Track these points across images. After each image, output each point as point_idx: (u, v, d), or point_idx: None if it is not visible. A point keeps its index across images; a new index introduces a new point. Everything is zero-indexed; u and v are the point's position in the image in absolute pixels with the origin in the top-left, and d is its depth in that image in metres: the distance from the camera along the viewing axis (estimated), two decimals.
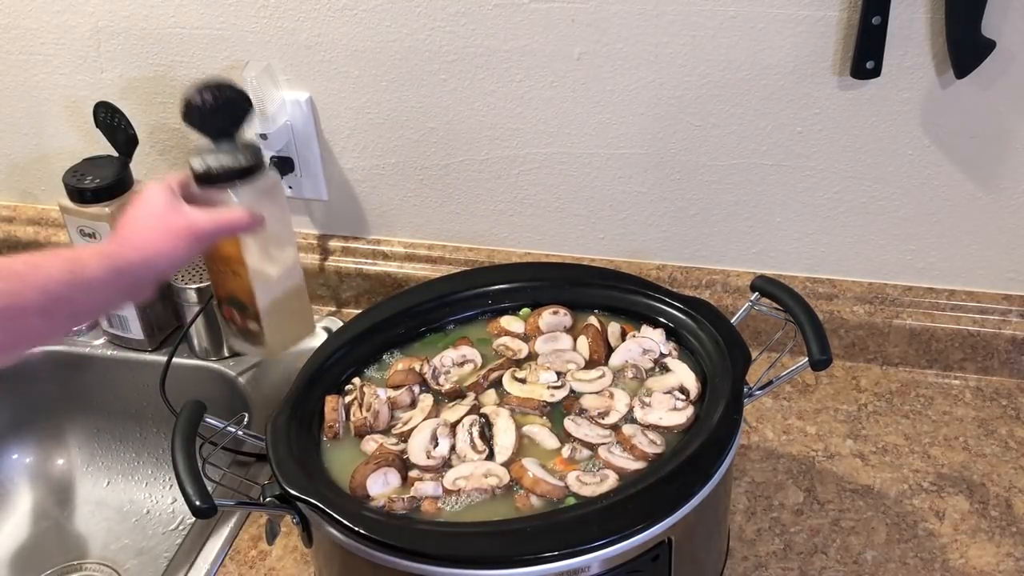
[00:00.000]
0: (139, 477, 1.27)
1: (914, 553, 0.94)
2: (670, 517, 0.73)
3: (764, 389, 0.86)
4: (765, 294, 0.89)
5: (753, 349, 0.97)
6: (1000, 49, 0.97)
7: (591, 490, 0.76)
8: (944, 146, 1.05)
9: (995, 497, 0.99)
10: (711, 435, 0.77)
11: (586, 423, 0.82)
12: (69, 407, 1.28)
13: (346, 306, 1.31)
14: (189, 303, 1.17)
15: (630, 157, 1.13)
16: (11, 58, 1.26)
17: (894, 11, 0.97)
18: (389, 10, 1.10)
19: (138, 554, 1.20)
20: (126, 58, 1.22)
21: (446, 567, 0.71)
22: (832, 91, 1.04)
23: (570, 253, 1.22)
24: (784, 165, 1.10)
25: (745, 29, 1.02)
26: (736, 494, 1.01)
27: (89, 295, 0.76)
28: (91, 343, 1.26)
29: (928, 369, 1.16)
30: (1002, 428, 1.07)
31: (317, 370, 0.90)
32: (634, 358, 0.89)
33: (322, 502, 0.74)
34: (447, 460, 0.81)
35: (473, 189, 1.20)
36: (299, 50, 1.15)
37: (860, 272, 1.16)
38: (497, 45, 1.09)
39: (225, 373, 1.20)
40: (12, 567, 1.21)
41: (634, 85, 1.08)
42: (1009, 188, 1.07)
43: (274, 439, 0.81)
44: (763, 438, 1.08)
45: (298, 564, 0.97)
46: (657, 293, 0.94)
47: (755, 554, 0.95)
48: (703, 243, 1.18)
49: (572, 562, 0.70)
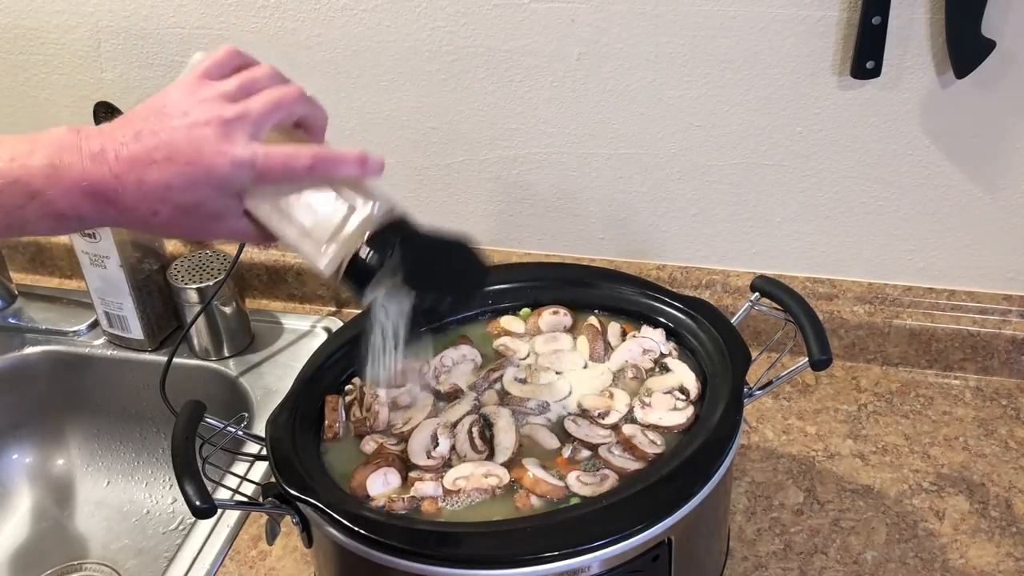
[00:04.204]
0: (139, 477, 1.27)
1: (914, 553, 0.94)
2: (670, 517, 0.73)
3: (764, 389, 0.86)
4: (765, 294, 0.89)
5: (753, 349, 0.97)
6: (1000, 49, 0.97)
7: (591, 490, 0.76)
8: (944, 146, 1.05)
9: (995, 497, 0.99)
10: (711, 435, 0.77)
11: (586, 423, 0.82)
12: (69, 407, 1.28)
13: (346, 306, 1.31)
14: (189, 303, 1.17)
15: (630, 157, 1.13)
16: (11, 58, 1.26)
17: (894, 11, 0.97)
18: (389, 10, 1.10)
19: (138, 554, 1.20)
20: (126, 58, 1.22)
21: (446, 567, 0.71)
22: (832, 91, 1.04)
23: (570, 253, 1.22)
24: (784, 165, 1.10)
25: (745, 29, 1.02)
26: (736, 494, 1.01)
27: (24, 206, 0.64)
28: (91, 343, 1.26)
29: (928, 369, 1.16)
30: (1002, 428, 1.07)
31: (317, 370, 0.90)
32: (634, 358, 0.89)
33: (322, 502, 0.74)
34: (447, 460, 0.81)
35: (473, 189, 1.20)
36: (299, 50, 1.15)
37: (860, 272, 1.16)
38: (497, 45, 1.09)
39: (225, 373, 1.20)
40: (12, 567, 1.21)
41: (634, 85, 1.08)
42: (1009, 188, 1.07)
43: (274, 439, 0.81)
44: (763, 438, 1.08)
45: (298, 564, 0.97)
46: (657, 293, 0.94)
47: (755, 554, 0.95)
48: (703, 243, 1.18)
49: (572, 562, 0.70)
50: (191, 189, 0.65)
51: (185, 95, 0.67)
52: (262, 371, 1.20)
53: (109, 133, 0.66)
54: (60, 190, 0.65)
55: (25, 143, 0.66)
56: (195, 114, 0.65)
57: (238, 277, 1.25)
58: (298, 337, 1.25)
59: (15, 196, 0.65)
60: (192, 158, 0.65)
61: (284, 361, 1.21)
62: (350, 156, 0.68)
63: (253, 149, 0.65)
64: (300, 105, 0.69)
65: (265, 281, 1.32)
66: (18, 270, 1.39)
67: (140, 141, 0.65)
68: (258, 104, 0.67)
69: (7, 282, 1.31)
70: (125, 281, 1.17)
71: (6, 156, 0.65)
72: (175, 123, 0.65)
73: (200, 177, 0.65)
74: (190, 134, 0.65)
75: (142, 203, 0.66)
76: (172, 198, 0.65)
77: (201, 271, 1.17)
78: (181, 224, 0.68)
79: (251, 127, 0.66)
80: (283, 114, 0.68)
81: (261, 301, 1.33)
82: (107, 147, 0.65)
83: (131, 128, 0.66)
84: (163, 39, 1.19)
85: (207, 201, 0.66)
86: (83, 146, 0.65)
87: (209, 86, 0.68)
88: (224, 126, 0.65)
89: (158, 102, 0.67)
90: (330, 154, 0.67)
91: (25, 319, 1.29)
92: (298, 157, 0.66)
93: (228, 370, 1.20)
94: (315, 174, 0.67)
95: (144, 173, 0.65)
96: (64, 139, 0.66)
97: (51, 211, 0.66)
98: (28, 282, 1.38)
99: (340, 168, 0.68)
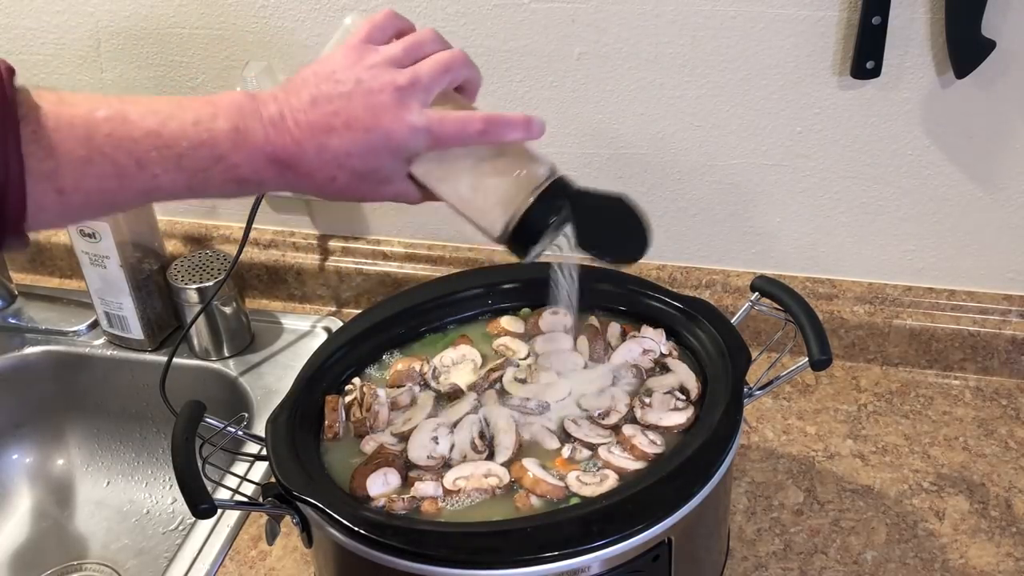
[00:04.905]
0: (139, 477, 1.27)
1: (914, 553, 0.94)
2: (670, 517, 0.73)
3: (764, 389, 0.86)
4: (765, 294, 0.89)
5: (753, 349, 0.97)
6: (1000, 49, 0.97)
7: (591, 490, 0.76)
8: (944, 146, 1.05)
9: (995, 497, 0.99)
10: (711, 435, 0.77)
11: (586, 423, 0.82)
12: (69, 407, 1.28)
13: (346, 306, 1.31)
14: (189, 303, 1.17)
15: (630, 157, 1.13)
16: (11, 58, 1.25)
17: (894, 11, 0.97)
18: None
19: (138, 554, 1.20)
20: (126, 58, 1.22)
21: (446, 567, 0.71)
22: (832, 91, 1.04)
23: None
24: (784, 165, 1.10)
25: (745, 29, 1.02)
26: (736, 494, 1.01)
27: (206, 170, 0.64)
28: (91, 343, 1.26)
29: (928, 369, 1.16)
30: (1002, 428, 1.07)
31: (317, 370, 0.90)
32: (634, 358, 0.89)
33: (322, 502, 0.74)
34: (447, 460, 0.81)
35: None
36: (299, 50, 1.15)
37: (860, 272, 1.16)
38: (497, 45, 1.09)
39: (225, 373, 1.20)
40: (12, 567, 1.21)
41: (634, 85, 1.08)
42: (1009, 188, 1.07)
43: (274, 439, 0.81)
44: (763, 438, 1.08)
45: (298, 564, 0.97)
46: (657, 293, 0.94)
47: (755, 554, 0.95)
48: (703, 243, 1.18)
49: (572, 562, 0.70)
50: (370, 155, 0.66)
51: (353, 61, 0.67)
52: (262, 371, 1.20)
53: (284, 99, 0.66)
54: (244, 155, 0.65)
55: (207, 106, 0.65)
56: (368, 81, 0.66)
57: (238, 277, 1.25)
58: (298, 337, 1.25)
59: (202, 159, 0.64)
60: (370, 124, 0.66)
61: (284, 361, 1.21)
62: (517, 119, 0.69)
63: (428, 115, 0.67)
64: (466, 69, 0.70)
65: (265, 281, 1.32)
66: (18, 270, 1.39)
67: (317, 108, 0.66)
68: (427, 69, 0.68)
69: (7, 282, 1.31)
70: (125, 281, 1.17)
71: (190, 119, 0.64)
72: (350, 89, 0.66)
73: (380, 143, 0.66)
74: (366, 101, 0.66)
75: (322, 169, 0.66)
76: (351, 164, 0.66)
77: (201, 271, 1.17)
78: (355, 188, 0.69)
79: (423, 93, 0.67)
80: (451, 78, 0.69)
81: (261, 301, 1.33)
82: (286, 113, 0.66)
83: (306, 94, 0.66)
84: (163, 39, 1.19)
85: (383, 167, 0.67)
86: (263, 112, 0.66)
87: (375, 51, 0.68)
88: (398, 92, 0.66)
89: (326, 68, 0.67)
90: (499, 118, 0.68)
91: (25, 319, 1.29)
92: (471, 122, 0.68)
93: (228, 370, 1.20)
94: (487, 139, 0.68)
95: (325, 140, 0.66)
96: (244, 104, 0.66)
97: (235, 175, 0.66)
98: (28, 282, 1.38)
99: (509, 131, 0.69)
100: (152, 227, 1.20)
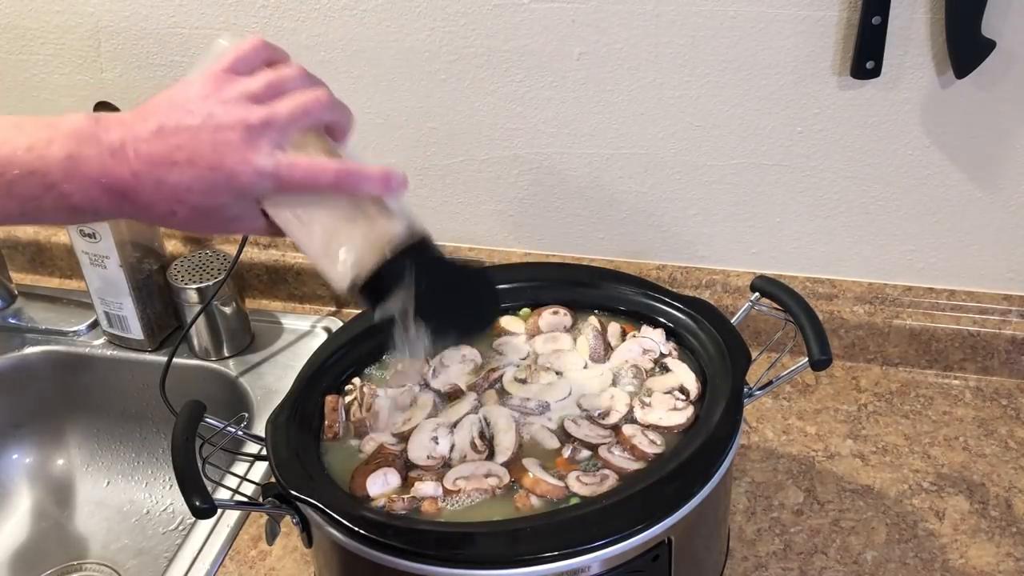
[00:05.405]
0: (139, 477, 1.27)
1: (914, 553, 0.94)
2: (670, 517, 0.73)
3: (764, 389, 0.86)
4: (765, 294, 0.89)
5: (753, 349, 0.97)
6: (1000, 49, 0.97)
7: (591, 490, 0.76)
8: (944, 146, 1.05)
9: (995, 497, 0.99)
10: (711, 435, 0.77)
11: (586, 423, 0.82)
12: (69, 407, 1.28)
13: (346, 306, 1.31)
14: (189, 303, 1.17)
15: (630, 157, 1.13)
16: (11, 58, 1.26)
17: (894, 11, 0.97)
18: (389, 10, 1.10)
19: (138, 554, 1.20)
20: (126, 58, 1.22)
21: (446, 567, 0.71)
22: (832, 91, 1.04)
23: (570, 253, 1.22)
24: (784, 165, 1.10)
25: (745, 29, 1.02)
26: (736, 494, 1.01)
27: (39, 195, 0.62)
28: (91, 343, 1.26)
29: (928, 369, 1.16)
30: (1002, 428, 1.07)
31: (317, 370, 0.90)
32: (634, 358, 0.89)
33: (322, 502, 0.74)
34: (447, 460, 0.81)
35: (473, 189, 1.20)
36: (299, 50, 1.15)
37: (860, 272, 1.16)
38: (497, 45, 1.09)
39: (225, 373, 1.20)
40: (12, 567, 1.21)
41: (634, 85, 1.08)
42: (1009, 188, 1.07)
43: (274, 439, 0.81)
44: (763, 438, 1.08)
45: (298, 564, 0.97)
46: (657, 293, 0.94)
47: (755, 554, 0.95)
48: (703, 243, 1.18)
49: (572, 562, 0.70)
50: (211, 194, 0.64)
51: (209, 91, 0.65)
52: (262, 371, 1.20)
53: (129, 125, 0.64)
54: (77, 184, 0.63)
55: (44, 129, 0.63)
56: (219, 116, 0.64)
57: (238, 277, 1.25)
58: (298, 337, 1.25)
59: (32, 187, 0.63)
60: (214, 163, 0.63)
61: (284, 361, 1.21)
62: (374, 173, 0.66)
63: (277, 159, 0.64)
64: (327, 112, 0.68)
65: (265, 281, 1.32)
66: (18, 270, 1.39)
67: (162, 139, 0.63)
68: (285, 110, 0.65)
69: (7, 282, 1.31)
70: (125, 281, 1.17)
71: (23, 144, 0.63)
72: (199, 122, 0.64)
73: (221, 183, 0.64)
74: (213, 138, 0.63)
75: (160, 202, 0.64)
76: (191, 200, 0.64)
77: (201, 271, 1.17)
78: (198, 223, 0.66)
79: (276, 134, 0.64)
80: (310, 121, 0.67)
81: (261, 301, 1.33)
82: (127, 141, 0.63)
83: (153, 122, 0.64)
84: (163, 39, 1.19)
85: (227, 206, 0.65)
86: (103, 138, 0.63)
87: (235, 83, 0.66)
88: (248, 132, 0.63)
89: (180, 96, 0.65)
90: (355, 170, 0.66)
91: (25, 319, 1.29)
92: (323, 172, 0.65)
93: (228, 370, 1.20)
94: (339, 190, 0.66)
95: (164, 174, 0.63)
96: (83, 129, 0.64)
97: (67, 204, 0.64)
98: (28, 282, 1.38)
99: (364, 185, 0.66)
100: (152, 227, 1.20)
